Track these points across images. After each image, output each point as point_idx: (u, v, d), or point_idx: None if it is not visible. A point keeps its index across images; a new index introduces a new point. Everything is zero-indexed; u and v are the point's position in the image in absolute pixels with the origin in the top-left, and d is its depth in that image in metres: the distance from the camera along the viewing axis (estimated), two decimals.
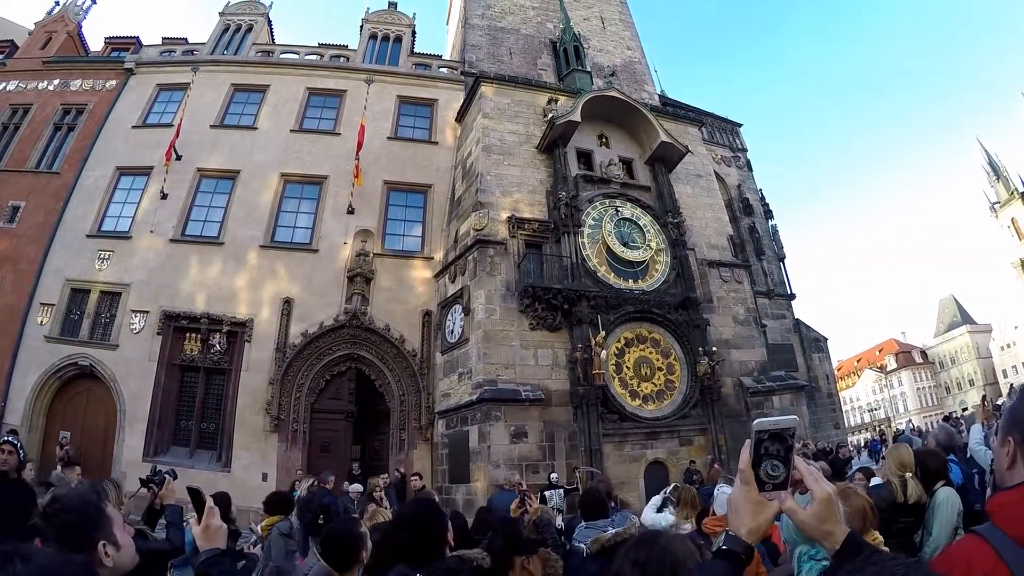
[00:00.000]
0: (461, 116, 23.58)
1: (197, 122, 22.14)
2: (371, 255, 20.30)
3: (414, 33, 27.25)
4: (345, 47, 26.06)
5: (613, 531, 5.00)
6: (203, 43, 25.75)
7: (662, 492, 7.53)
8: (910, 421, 77.70)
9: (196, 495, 2.73)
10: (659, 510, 7.29)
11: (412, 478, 13.89)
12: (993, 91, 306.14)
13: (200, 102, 22.75)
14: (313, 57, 25.47)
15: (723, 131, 34.29)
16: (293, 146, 22.37)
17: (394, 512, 6.46)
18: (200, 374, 19.33)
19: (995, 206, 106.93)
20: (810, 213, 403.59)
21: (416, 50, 26.82)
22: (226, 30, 26.52)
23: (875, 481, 6.09)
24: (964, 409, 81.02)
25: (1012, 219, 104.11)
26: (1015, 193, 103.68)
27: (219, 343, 19.20)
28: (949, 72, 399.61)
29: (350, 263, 20.02)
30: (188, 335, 19.41)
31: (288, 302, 19.41)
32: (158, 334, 19.09)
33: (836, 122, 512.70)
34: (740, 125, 35.22)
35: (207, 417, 19.02)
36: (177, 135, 21.12)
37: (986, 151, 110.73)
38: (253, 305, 19.52)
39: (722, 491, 5.66)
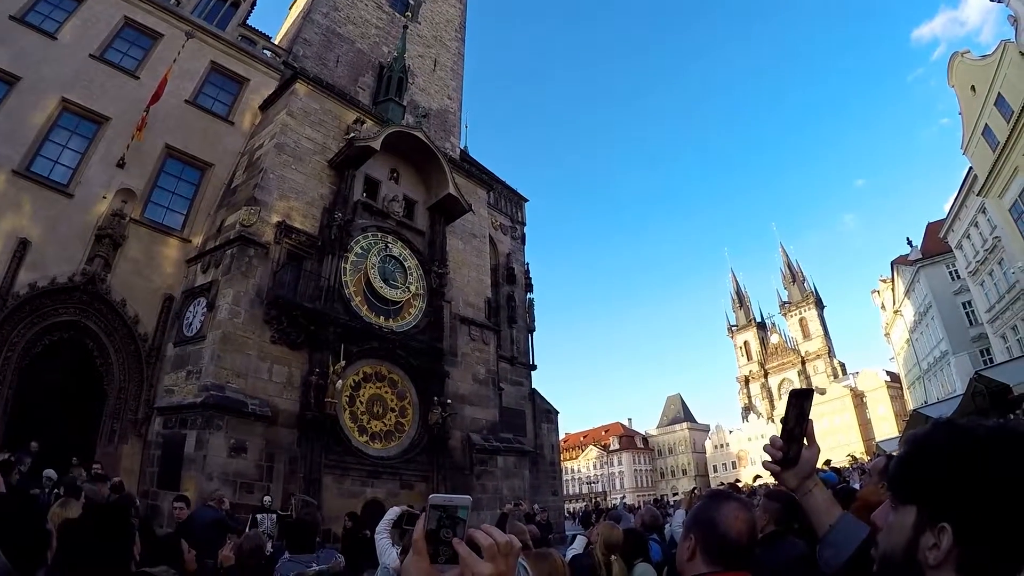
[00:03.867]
0: (267, 105, 22.85)
1: None
2: (127, 219, 18.55)
3: (254, 5, 25.71)
4: None
5: (316, 568, 5.03)
6: None
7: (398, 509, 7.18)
8: (624, 498, 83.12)
9: None
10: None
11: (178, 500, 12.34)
12: (755, 232, 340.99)
13: None
14: None
15: (509, 200, 35.77)
16: (86, 73, 19.70)
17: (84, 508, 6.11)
18: None
19: (733, 328, 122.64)
20: (566, 294, 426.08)
21: (249, 23, 25.34)
22: None
23: (575, 550, 6.58)
24: (675, 494, 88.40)
25: (745, 342, 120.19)
26: (752, 321, 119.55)
27: None
28: (728, 201, 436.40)
29: (103, 221, 18.06)
30: None
31: (24, 244, 16.68)
32: None
33: (615, 221, 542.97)
34: (526, 200, 37.06)
35: None
36: None
37: (736, 281, 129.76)
38: None
39: None
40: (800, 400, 1.92)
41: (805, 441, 1.94)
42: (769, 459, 1.99)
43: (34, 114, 18.47)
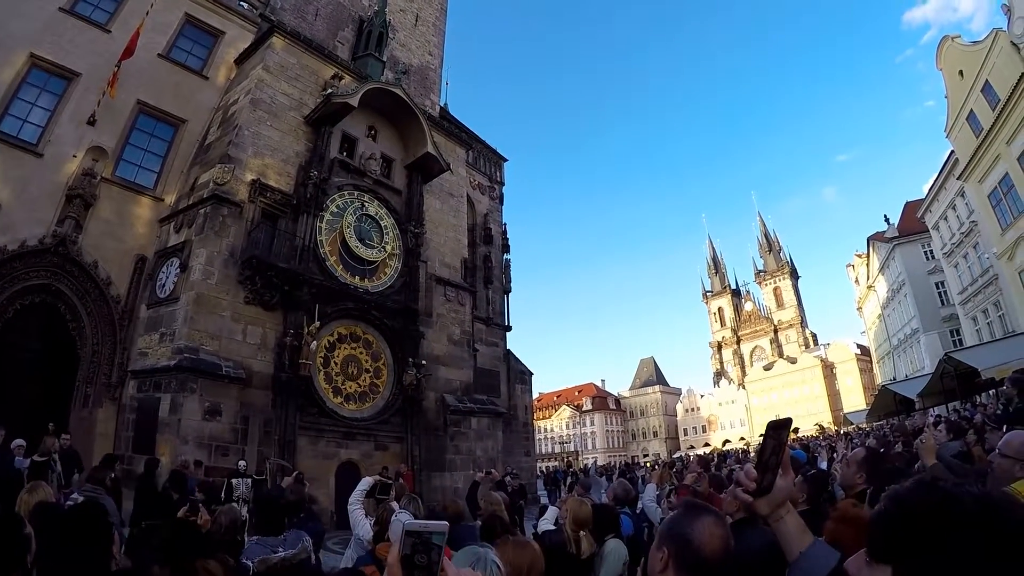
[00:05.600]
0: (243, 59, 22.28)
1: None
2: (98, 178, 17.98)
3: None
4: None
5: (281, 554, 4.87)
6: None
7: (370, 480, 7.10)
8: (596, 460, 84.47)
9: None
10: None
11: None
12: (734, 200, 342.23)
13: None
14: None
15: (488, 160, 35.49)
16: (56, 27, 18.91)
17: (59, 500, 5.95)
18: None
19: (707, 294, 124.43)
20: (542, 253, 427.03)
21: None
22: None
23: (546, 525, 6.71)
24: (645, 455, 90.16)
25: (719, 308, 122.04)
26: (727, 288, 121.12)
27: None
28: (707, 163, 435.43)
29: (73, 180, 17.52)
30: None
31: None
32: None
33: (591, 186, 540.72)
34: (505, 160, 36.72)
35: None
36: None
37: (713, 247, 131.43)
38: None
39: (398, 518, 5.71)
40: (778, 431, 1.93)
41: (780, 470, 1.93)
42: (741, 489, 1.98)
43: (1, 71, 17.79)
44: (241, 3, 23.94)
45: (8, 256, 16.21)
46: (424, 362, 20.83)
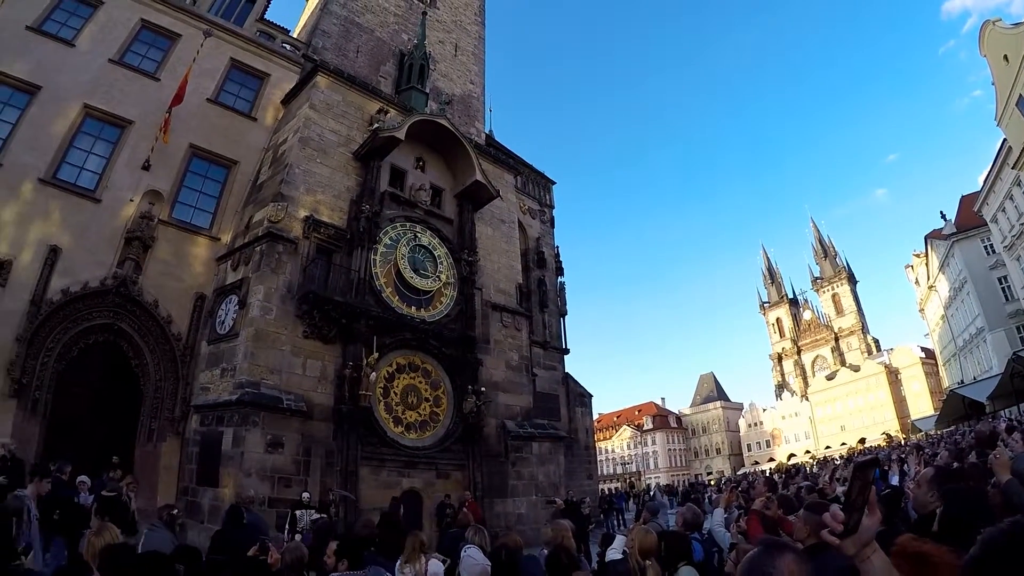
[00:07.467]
0: (289, 99, 22.74)
1: (14, 17, 18.80)
2: (156, 220, 18.50)
3: None
4: None
5: None
6: None
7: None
8: (658, 480, 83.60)
9: None
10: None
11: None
12: (782, 202, 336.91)
13: None
14: None
15: (537, 184, 35.54)
16: (106, 78, 19.72)
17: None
18: None
19: (764, 305, 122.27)
20: (596, 274, 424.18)
21: (266, 17, 25.09)
22: None
23: (614, 555, 6.52)
24: (709, 473, 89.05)
25: (777, 319, 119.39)
26: (784, 298, 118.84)
27: None
28: (757, 179, 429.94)
29: (131, 224, 18.05)
30: None
31: (55, 251, 16.68)
32: None
33: (644, 204, 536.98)
34: (554, 183, 36.76)
35: None
36: None
37: (768, 257, 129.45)
38: (15, 245, 16.32)
39: (468, 554, 5.67)
40: (864, 471, 1.97)
41: (866, 509, 1.92)
42: (828, 530, 1.96)
43: (57, 121, 18.39)
44: (283, 45, 24.54)
45: (71, 298, 16.62)
46: (483, 389, 20.76)
